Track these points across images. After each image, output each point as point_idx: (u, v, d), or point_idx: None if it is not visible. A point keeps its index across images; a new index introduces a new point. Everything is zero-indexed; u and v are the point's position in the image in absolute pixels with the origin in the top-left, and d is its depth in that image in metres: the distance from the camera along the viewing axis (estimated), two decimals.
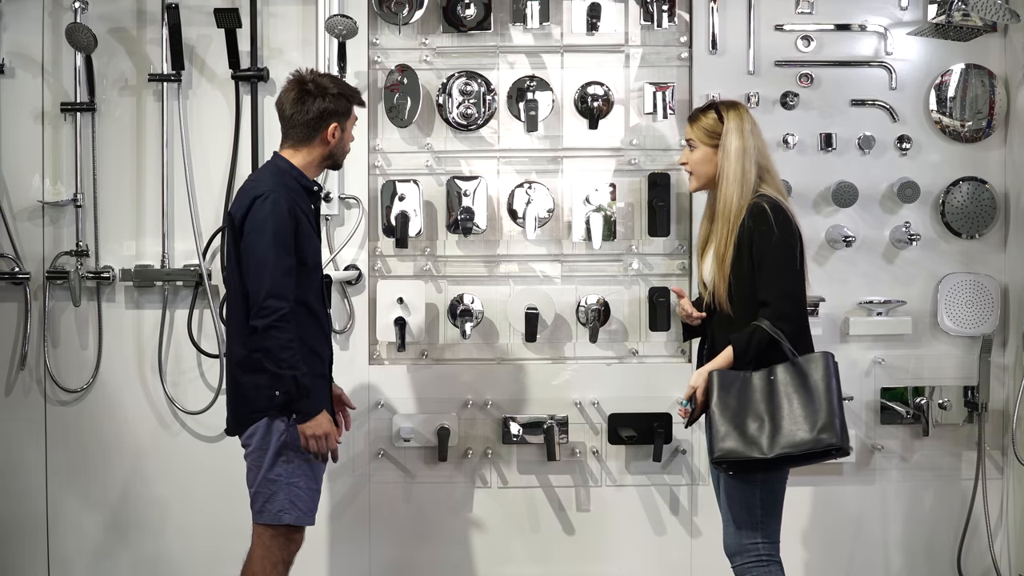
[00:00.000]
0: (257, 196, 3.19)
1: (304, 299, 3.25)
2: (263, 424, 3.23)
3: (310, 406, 3.19)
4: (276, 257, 3.14)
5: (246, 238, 3.19)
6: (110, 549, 4.19)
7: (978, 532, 4.16)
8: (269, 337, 3.12)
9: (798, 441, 3.05)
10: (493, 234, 4.18)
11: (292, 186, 3.28)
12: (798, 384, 3.08)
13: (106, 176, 4.16)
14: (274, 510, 3.25)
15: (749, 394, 3.11)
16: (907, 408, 4.17)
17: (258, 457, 3.26)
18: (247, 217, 3.18)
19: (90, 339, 4.17)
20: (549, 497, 4.19)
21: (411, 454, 4.16)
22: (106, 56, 4.15)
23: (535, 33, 4.15)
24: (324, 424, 3.21)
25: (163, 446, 4.18)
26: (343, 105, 3.32)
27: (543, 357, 4.19)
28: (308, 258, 3.26)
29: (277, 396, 3.16)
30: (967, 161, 4.19)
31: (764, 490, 3.20)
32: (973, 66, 4.18)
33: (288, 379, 3.13)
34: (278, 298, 3.13)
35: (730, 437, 3.09)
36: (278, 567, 3.30)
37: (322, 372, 3.35)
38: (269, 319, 3.11)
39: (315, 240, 3.34)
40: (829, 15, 4.17)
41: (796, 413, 3.06)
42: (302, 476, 3.26)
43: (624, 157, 4.18)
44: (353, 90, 3.41)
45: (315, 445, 3.21)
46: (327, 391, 3.40)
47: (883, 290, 4.18)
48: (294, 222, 3.20)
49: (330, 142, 3.32)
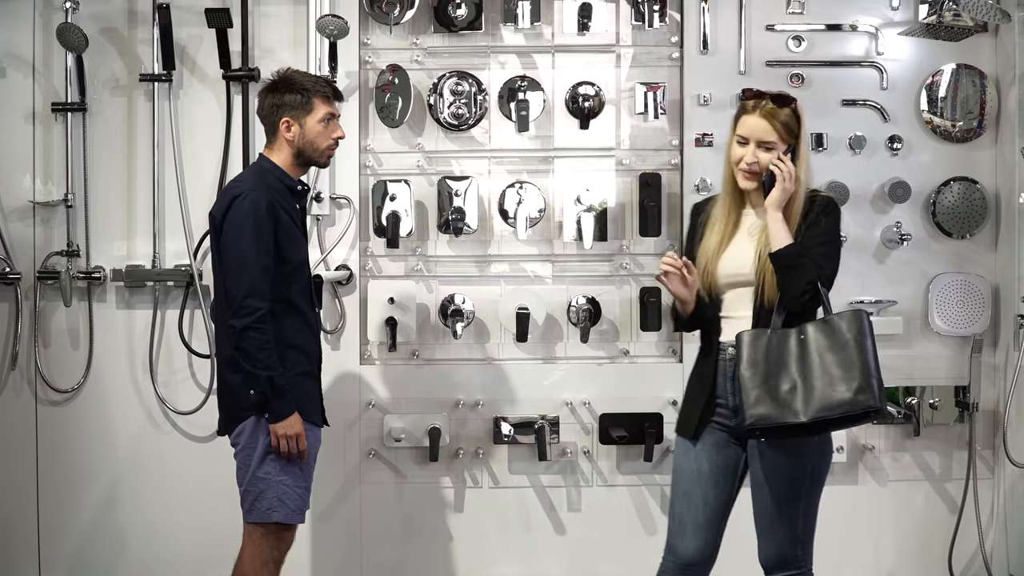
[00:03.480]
0: (236, 196, 3.20)
1: (288, 297, 3.25)
2: (250, 423, 3.23)
3: (282, 406, 3.17)
4: (254, 256, 3.14)
5: (224, 237, 3.20)
6: (101, 550, 4.18)
7: (969, 532, 4.16)
8: (246, 337, 3.13)
9: (834, 403, 2.85)
10: (484, 234, 4.18)
11: (275, 185, 3.27)
12: (831, 343, 2.89)
13: (97, 176, 4.16)
14: (263, 508, 3.25)
15: (780, 355, 2.90)
16: (898, 408, 4.18)
17: (247, 456, 3.26)
18: (226, 216, 3.18)
19: (81, 339, 4.17)
20: (540, 497, 4.19)
21: (402, 454, 4.15)
22: (97, 56, 4.15)
23: (526, 33, 4.16)
24: (295, 425, 3.19)
25: (154, 446, 4.17)
26: (294, 99, 3.27)
27: (534, 357, 4.19)
28: (291, 256, 3.25)
29: (252, 395, 3.17)
30: (958, 161, 4.19)
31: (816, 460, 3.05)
32: (964, 66, 4.18)
33: (263, 379, 3.14)
34: (256, 297, 3.13)
35: (762, 402, 2.88)
36: (268, 565, 3.30)
37: (309, 370, 3.35)
38: (247, 319, 3.12)
39: (299, 238, 3.32)
40: (820, 15, 4.17)
41: (831, 373, 2.87)
42: (290, 474, 3.25)
43: (615, 157, 4.18)
44: (315, 82, 3.33)
45: (285, 445, 3.19)
46: (315, 389, 3.39)
47: (874, 290, 4.19)
48: (273, 221, 3.19)
49: (289, 138, 3.30)
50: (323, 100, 3.31)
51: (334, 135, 3.34)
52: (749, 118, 2.99)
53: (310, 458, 3.31)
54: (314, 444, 3.34)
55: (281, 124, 3.29)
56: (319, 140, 3.31)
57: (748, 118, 2.99)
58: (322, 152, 3.34)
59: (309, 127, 3.29)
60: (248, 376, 3.16)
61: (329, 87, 3.37)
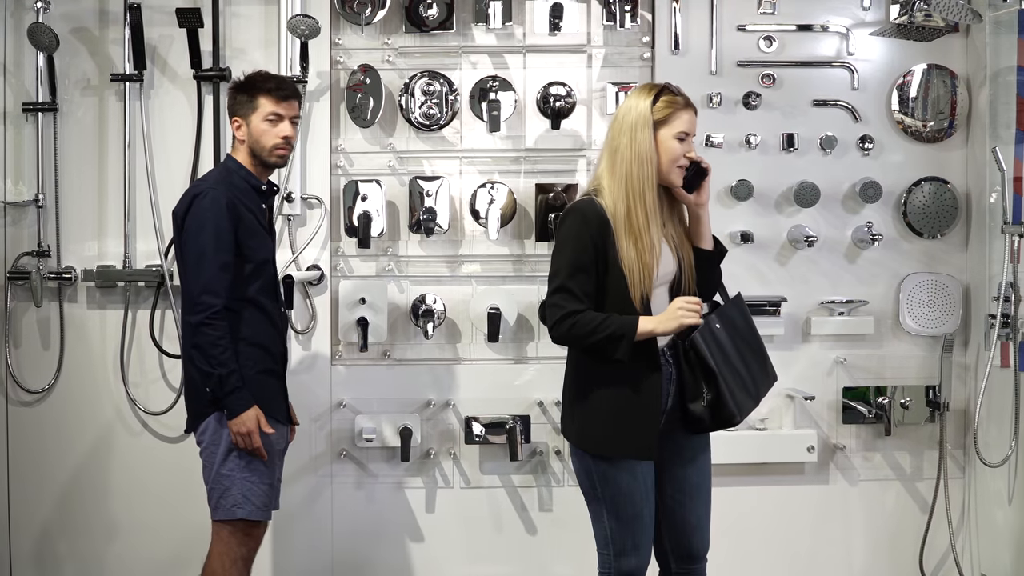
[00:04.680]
0: (196, 194, 3.22)
1: (251, 296, 3.26)
2: (213, 420, 3.24)
3: (236, 403, 3.17)
4: (212, 253, 3.15)
5: (184, 235, 3.21)
6: (72, 550, 4.18)
7: (940, 531, 4.17)
8: (201, 333, 3.14)
9: (767, 382, 3.05)
10: (455, 234, 4.18)
11: (239, 185, 3.28)
12: (738, 329, 2.99)
13: (68, 176, 4.15)
14: (228, 505, 3.25)
15: (722, 346, 2.95)
16: (869, 408, 4.18)
17: (211, 453, 3.26)
18: (187, 214, 3.20)
19: (52, 340, 4.16)
20: (511, 497, 4.19)
21: (373, 454, 4.15)
22: (68, 56, 4.14)
23: (497, 33, 4.15)
24: (248, 422, 3.18)
25: (125, 447, 4.17)
26: (242, 98, 3.28)
27: (506, 357, 4.19)
28: (253, 255, 3.26)
29: (207, 392, 3.17)
30: (929, 161, 4.20)
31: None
32: (935, 66, 4.19)
33: (214, 376, 3.14)
34: (212, 294, 3.14)
35: (748, 401, 2.97)
36: (237, 563, 3.29)
37: (271, 368, 3.34)
38: (201, 315, 3.13)
39: (263, 237, 3.32)
40: (791, 16, 4.18)
41: (752, 359, 3.00)
42: (255, 471, 3.25)
43: (586, 157, 4.18)
44: (263, 81, 3.31)
45: (242, 442, 3.20)
46: (277, 387, 3.38)
47: (845, 290, 4.19)
48: (234, 219, 3.20)
49: (240, 138, 3.31)
50: (268, 98, 3.28)
51: (280, 134, 3.29)
52: (685, 113, 2.94)
53: (275, 455, 3.31)
54: (279, 441, 3.34)
55: (232, 123, 3.31)
56: (264, 139, 3.28)
57: (684, 113, 2.94)
58: (269, 151, 3.30)
59: (254, 125, 3.28)
60: (203, 373, 3.17)
61: (275, 84, 3.32)
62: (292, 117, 3.34)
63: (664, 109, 2.93)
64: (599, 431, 2.96)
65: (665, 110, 2.93)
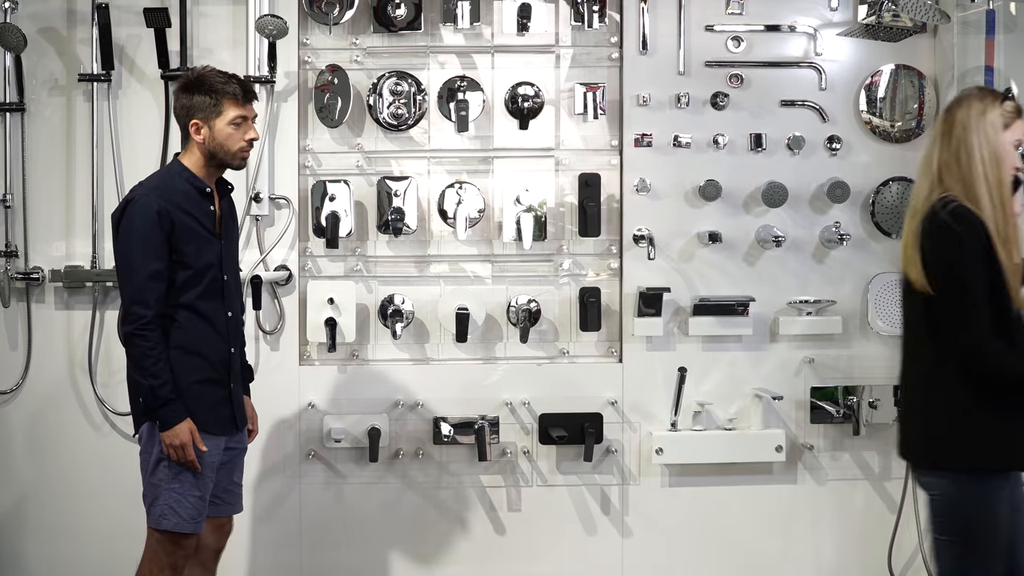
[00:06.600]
0: (129, 200, 3.18)
1: (187, 302, 3.20)
2: (147, 427, 3.21)
3: (168, 415, 3.13)
4: (140, 262, 3.12)
5: (115, 243, 3.20)
6: (41, 551, 4.16)
7: (909, 531, 4.18)
8: (132, 344, 3.12)
9: None
10: (424, 234, 4.18)
11: (181, 188, 3.23)
12: None
13: (36, 176, 4.14)
14: (156, 514, 3.21)
15: None
16: (837, 407, 4.19)
17: (144, 460, 3.24)
18: (120, 220, 3.18)
19: (19, 340, 4.15)
20: (480, 497, 4.19)
21: (342, 455, 4.15)
22: (36, 56, 4.13)
23: (465, 33, 4.15)
24: (180, 435, 3.14)
25: (93, 447, 4.16)
26: (203, 100, 3.21)
27: (474, 357, 4.19)
28: (192, 261, 3.20)
29: (140, 402, 3.15)
30: (897, 161, 4.20)
31: None
32: (903, 67, 4.20)
33: (144, 387, 3.12)
34: (142, 304, 3.11)
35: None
36: (165, 571, 3.24)
37: (208, 377, 3.25)
38: (131, 326, 3.11)
39: (204, 242, 3.24)
40: (759, 16, 4.18)
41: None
42: (183, 482, 3.19)
43: (555, 157, 4.19)
44: (225, 83, 3.24)
45: (175, 454, 3.15)
46: (216, 397, 3.29)
47: (813, 290, 4.20)
48: (168, 225, 3.14)
49: (199, 140, 3.25)
50: (233, 102, 3.24)
51: (246, 137, 3.27)
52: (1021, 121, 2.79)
53: (206, 467, 3.23)
54: (210, 454, 3.23)
55: (191, 127, 3.24)
56: (229, 143, 3.24)
57: (1021, 121, 2.79)
58: (234, 155, 3.27)
59: (218, 130, 3.23)
60: (134, 384, 3.16)
61: (241, 88, 3.27)
62: (254, 117, 3.33)
63: (1009, 115, 2.79)
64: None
65: (1011, 116, 2.79)
